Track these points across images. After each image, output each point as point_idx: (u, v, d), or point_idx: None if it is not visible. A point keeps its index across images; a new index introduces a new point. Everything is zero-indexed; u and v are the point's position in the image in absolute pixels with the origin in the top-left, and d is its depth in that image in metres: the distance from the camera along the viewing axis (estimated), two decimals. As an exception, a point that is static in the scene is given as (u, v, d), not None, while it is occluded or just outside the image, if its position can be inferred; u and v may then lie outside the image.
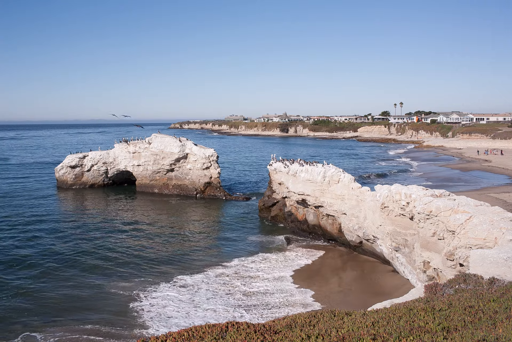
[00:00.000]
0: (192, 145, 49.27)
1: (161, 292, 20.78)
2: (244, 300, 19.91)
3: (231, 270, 24.04)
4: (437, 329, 7.29)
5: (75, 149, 66.62)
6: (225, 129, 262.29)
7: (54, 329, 17.11)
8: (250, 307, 19.14)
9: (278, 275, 23.29)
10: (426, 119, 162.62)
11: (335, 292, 20.94)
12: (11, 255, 26.52)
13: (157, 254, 27.10)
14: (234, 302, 19.69)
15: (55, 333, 16.78)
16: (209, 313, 18.42)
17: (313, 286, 21.62)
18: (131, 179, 53.14)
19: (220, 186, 48.21)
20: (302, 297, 20.28)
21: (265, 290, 21.05)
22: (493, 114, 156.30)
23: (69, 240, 30.13)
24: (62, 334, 16.67)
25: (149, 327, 17.10)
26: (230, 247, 28.88)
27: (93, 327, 17.24)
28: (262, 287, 21.46)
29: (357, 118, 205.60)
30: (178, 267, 24.60)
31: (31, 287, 21.52)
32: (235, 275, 23.22)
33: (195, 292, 20.72)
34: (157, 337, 7.09)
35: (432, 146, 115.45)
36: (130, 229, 33.49)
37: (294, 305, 19.30)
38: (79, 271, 23.97)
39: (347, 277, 23.38)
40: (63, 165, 51.61)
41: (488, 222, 15.24)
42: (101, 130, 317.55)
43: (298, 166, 33.01)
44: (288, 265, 25.03)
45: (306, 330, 7.45)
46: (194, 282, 22.07)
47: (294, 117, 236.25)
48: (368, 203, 24.82)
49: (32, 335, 16.67)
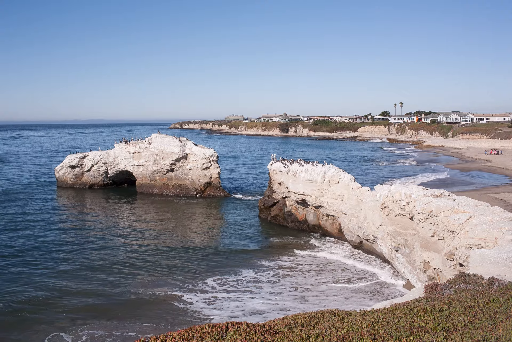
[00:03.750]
0: (192, 145, 49.27)
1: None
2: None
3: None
4: (437, 329, 7.29)
5: (75, 149, 66.61)
6: (225, 129, 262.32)
7: (83, 327, 17.32)
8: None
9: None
10: (426, 119, 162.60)
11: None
12: (12, 254, 26.56)
13: (160, 256, 27.09)
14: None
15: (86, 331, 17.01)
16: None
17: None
18: (131, 179, 53.13)
19: (220, 186, 48.21)
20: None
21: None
22: (493, 114, 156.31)
23: (70, 240, 30.14)
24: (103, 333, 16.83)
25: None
26: (230, 247, 28.85)
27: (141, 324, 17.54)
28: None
29: (357, 118, 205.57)
30: (179, 269, 24.60)
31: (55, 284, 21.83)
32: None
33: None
34: (157, 337, 7.09)
35: (432, 146, 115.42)
36: (130, 229, 33.46)
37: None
38: (95, 271, 24.01)
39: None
40: (63, 165, 51.60)
41: (488, 222, 15.24)
42: (101, 130, 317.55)
43: (298, 166, 33.02)
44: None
45: (306, 330, 7.45)
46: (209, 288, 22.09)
47: (294, 117, 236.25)
48: (368, 203, 24.82)
49: (61, 335, 16.76)
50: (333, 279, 22.66)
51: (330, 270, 24.12)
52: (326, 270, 24.10)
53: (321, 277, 22.97)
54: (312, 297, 20.34)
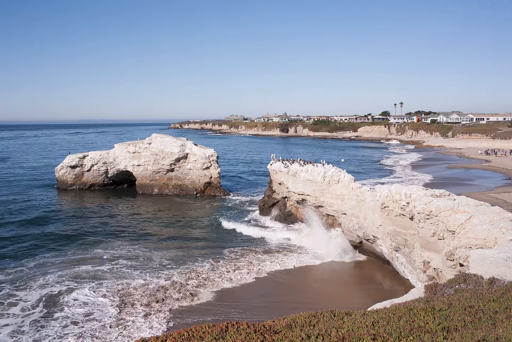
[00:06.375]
0: (192, 145, 49.27)
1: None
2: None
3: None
4: (437, 329, 7.29)
5: (75, 149, 66.58)
6: (225, 129, 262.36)
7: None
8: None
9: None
10: (426, 119, 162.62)
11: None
12: (12, 251, 26.56)
13: (160, 255, 27.08)
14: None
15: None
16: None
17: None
18: (131, 179, 53.12)
19: (220, 186, 48.22)
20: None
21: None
22: (493, 114, 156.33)
23: (71, 240, 30.15)
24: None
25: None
26: (229, 247, 28.83)
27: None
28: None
29: (357, 118, 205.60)
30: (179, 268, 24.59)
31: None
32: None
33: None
34: (157, 337, 7.09)
35: (432, 146, 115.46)
36: (130, 229, 33.47)
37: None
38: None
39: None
40: (63, 165, 51.57)
41: (488, 222, 15.24)
42: (101, 130, 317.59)
43: (298, 166, 33.02)
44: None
45: (306, 330, 7.45)
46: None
47: (294, 117, 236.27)
48: (368, 203, 24.81)
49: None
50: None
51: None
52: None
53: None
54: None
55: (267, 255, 26.83)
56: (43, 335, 16.56)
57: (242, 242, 30.13)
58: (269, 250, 27.88)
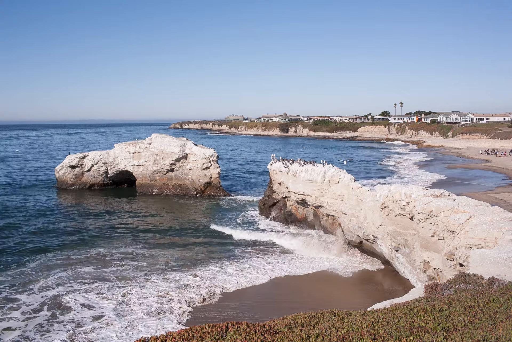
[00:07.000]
0: (192, 145, 49.26)
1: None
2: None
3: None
4: (437, 329, 7.29)
5: (75, 149, 66.58)
6: (225, 129, 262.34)
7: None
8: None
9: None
10: (426, 119, 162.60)
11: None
12: (13, 251, 26.55)
13: (159, 255, 27.09)
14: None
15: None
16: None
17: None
18: (131, 179, 53.11)
19: (220, 186, 48.21)
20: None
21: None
22: (493, 114, 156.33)
23: (70, 240, 30.14)
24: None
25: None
26: (230, 248, 28.85)
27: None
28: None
29: (357, 118, 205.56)
30: (180, 268, 24.61)
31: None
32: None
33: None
34: (157, 337, 7.09)
35: (432, 146, 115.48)
36: (130, 229, 33.48)
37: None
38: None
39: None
40: (63, 165, 51.57)
41: (488, 222, 15.24)
42: (101, 130, 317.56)
43: (298, 166, 33.01)
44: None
45: (306, 330, 7.45)
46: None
47: (294, 117, 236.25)
48: (368, 203, 24.80)
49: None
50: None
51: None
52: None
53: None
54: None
55: (267, 255, 26.82)
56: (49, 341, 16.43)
57: (243, 242, 30.13)
58: (269, 250, 27.88)
